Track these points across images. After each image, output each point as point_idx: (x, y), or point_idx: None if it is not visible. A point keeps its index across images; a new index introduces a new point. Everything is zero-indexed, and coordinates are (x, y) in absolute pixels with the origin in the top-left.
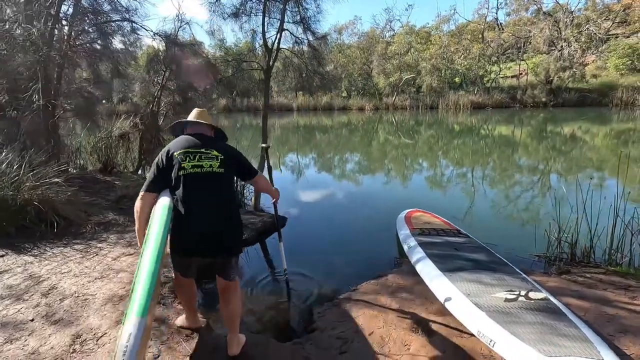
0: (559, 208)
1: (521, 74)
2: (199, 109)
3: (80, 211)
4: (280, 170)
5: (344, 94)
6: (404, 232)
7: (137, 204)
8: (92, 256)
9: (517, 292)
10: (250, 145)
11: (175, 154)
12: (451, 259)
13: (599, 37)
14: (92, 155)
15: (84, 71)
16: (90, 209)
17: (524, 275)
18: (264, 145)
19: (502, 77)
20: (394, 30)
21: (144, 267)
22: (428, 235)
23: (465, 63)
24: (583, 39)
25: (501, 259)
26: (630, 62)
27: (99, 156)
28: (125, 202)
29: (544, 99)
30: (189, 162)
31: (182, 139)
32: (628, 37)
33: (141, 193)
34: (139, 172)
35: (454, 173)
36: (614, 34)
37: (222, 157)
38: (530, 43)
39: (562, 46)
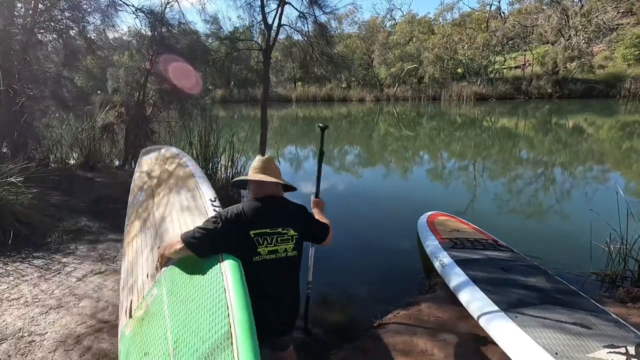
0: (624, 219)
1: (525, 64)
2: (263, 158)
3: (46, 216)
4: (279, 162)
5: (344, 85)
6: (431, 242)
7: (177, 247)
8: (52, 275)
9: (623, 349)
10: (248, 137)
11: (251, 233)
12: (504, 286)
13: (608, 26)
14: (73, 148)
15: (57, 53)
16: (59, 212)
17: (606, 310)
18: (321, 125)
19: (506, 68)
20: (395, 20)
21: None
22: (463, 249)
23: (469, 53)
24: (591, 28)
25: (567, 285)
26: (638, 52)
27: (81, 149)
28: (103, 204)
29: (549, 90)
30: (265, 246)
31: (256, 209)
32: (634, 26)
33: (181, 245)
34: (126, 167)
35: (466, 168)
36: (619, 24)
37: (297, 235)
38: (533, 33)
39: (570, 35)
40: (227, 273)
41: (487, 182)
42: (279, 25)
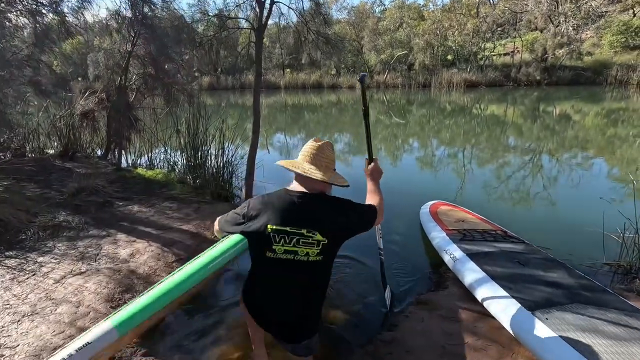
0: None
1: (514, 51)
2: (316, 145)
3: (21, 210)
4: (268, 150)
5: (333, 72)
6: (437, 234)
7: (215, 227)
8: (26, 277)
9: None
10: (238, 125)
11: (269, 226)
12: (526, 283)
13: (596, 13)
14: (51, 137)
15: (29, 34)
16: (36, 206)
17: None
18: (359, 75)
19: (495, 55)
20: (384, 5)
21: (169, 280)
22: (472, 241)
23: (459, 40)
24: (580, 15)
25: (592, 281)
26: (625, 39)
27: (59, 138)
28: (83, 196)
29: (538, 77)
30: (282, 245)
31: (282, 203)
32: (620, 13)
33: (217, 225)
34: (108, 157)
35: (455, 155)
36: (606, 11)
37: (326, 241)
38: (522, 20)
39: (559, 22)
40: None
41: (483, 170)
42: (272, 2)
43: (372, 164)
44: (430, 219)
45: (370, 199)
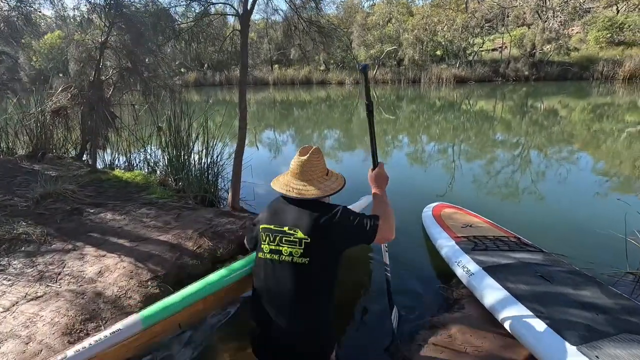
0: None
1: (502, 46)
2: (302, 159)
3: None
4: (257, 147)
5: (322, 67)
6: (445, 242)
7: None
8: None
9: None
10: (225, 122)
11: (260, 227)
12: (558, 305)
13: (583, 8)
14: (19, 136)
15: None
16: None
17: None
18: (361, 65)
19: (484, 51)
20: (373, 0)
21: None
22: (485, 251)
23: (449, 35)
24: (568, 10)
25: (632, 301)
26: (610, 35)
27: (30, 138)
28: (49, 203)
29: (526, 73)
30: (268, 244)
31: (273, 205)
32: (605, 9)
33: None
34: (84, 157)
35: (445, 150)
36: (591, 7)
37: (309, 240)
38: (509, 15)
39: (548, 17)
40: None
41: (479, 166)
42: None
43: (377, 168)
44: (434, 223)
45: (375, 211)
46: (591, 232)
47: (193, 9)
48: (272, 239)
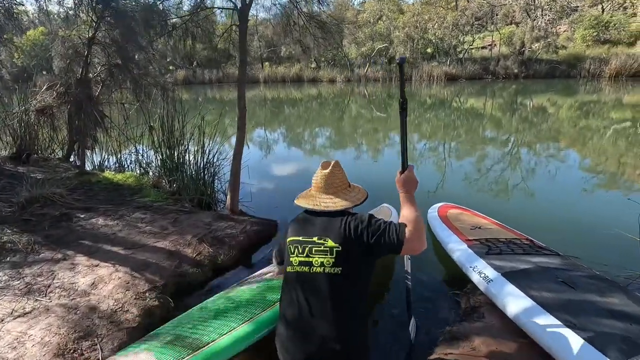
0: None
1: (492, 44)
2: (324, 172)
3: None
4: (248, 146)
5: (313, 65)
6: (457, 246)
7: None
8: None
9: None
10: (219, 121)
11: (288, 240)
12: (589, 315)
13: (571, 7)
14: (2, 136)
15: None
16: None
17: None
18: (398, 59)
19: (474, 49)
20: None
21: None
22: (500, 255)
23: (439, 32)
24: (556, 8)
25: None
26: (596, 33)
27: (13, 138)
28: (36, 208)
29: (516, 71)
30: (297, 255)
31: (300, 218)
32: (590, 7)
33: (274, 260)
34: (72, 158)
35: (437, 148)
36: (577, 5)
37: (340, 248)
38: (498, 14)
39: (537, 15)
40: None
41: (472, 165)
42: None
43: (406, 171)
44: (442, 225)
45: (404, 218)
46: (600, 233)
47: (188, 2)
48: (301, 251)
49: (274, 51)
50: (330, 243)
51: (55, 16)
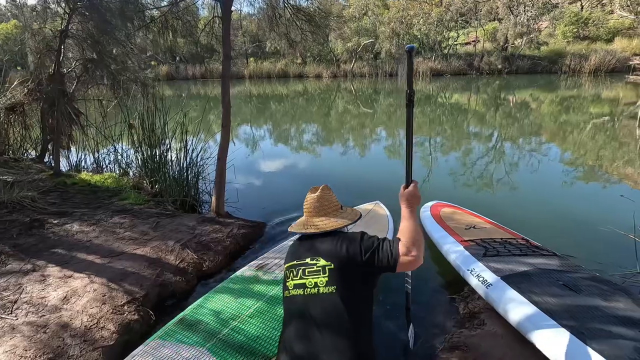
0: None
1: (476, 40)
2: (314, 196)
3: None
4: (234, 143)
5: (299, 61)
6: (452, 247)
7: None
8: None
9: None
10: (202, 117)
11: (285, 267)
12: (594, 322)
13: (552, 3)
14: None
15: None
16: None
17: None
18: (407, 47)
19: (458, 44)
20: None
21: None
22: (497, 256)
23: (424, 28)
24: (538, 4)
25: None
26: (576, 29)
27: None
28: (4, 214)
29: (499, 66)
30: (292, 279)
31: (294, 244)
32: (570, 4)
33: None
34: (45, 159)
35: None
36: (557, 2)
37: (332, 266)
38: (482, 10)
39: (519, 11)
40: None
41: (458, 160)
42: None
43: (411, 187)
44: (436, 225)
45: (401, 233)
46: (593, 230)
47: None
48: (295, 274)
49: (259, 46)
50: (322, 262)
51: (29, 8)
